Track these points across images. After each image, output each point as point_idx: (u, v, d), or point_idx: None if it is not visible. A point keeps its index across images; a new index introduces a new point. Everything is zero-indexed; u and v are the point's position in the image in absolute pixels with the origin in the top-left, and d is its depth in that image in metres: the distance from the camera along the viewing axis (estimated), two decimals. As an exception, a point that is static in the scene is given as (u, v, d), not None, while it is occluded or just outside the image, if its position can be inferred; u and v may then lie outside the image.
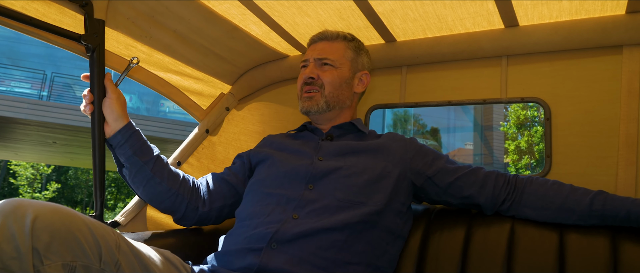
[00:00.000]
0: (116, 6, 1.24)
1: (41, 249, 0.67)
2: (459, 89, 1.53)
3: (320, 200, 1.08)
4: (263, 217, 1.08)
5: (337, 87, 1.30)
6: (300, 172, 1.15)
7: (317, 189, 1.11)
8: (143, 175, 1.19)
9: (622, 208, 1.03)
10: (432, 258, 1.19)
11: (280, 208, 1.08)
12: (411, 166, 1.21)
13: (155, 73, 1.48)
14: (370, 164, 1.16)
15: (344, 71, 1.32)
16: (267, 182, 1.18)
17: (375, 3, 1.34)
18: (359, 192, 1.11)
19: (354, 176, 1.13)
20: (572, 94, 1.35)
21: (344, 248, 1.03)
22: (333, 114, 1.32)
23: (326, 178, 1.13)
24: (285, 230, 1.02)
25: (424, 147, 1.27)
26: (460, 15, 1.37)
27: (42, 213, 0.69)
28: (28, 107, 9.93)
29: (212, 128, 1.66)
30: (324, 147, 1.24)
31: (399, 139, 1.27)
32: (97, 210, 1.22)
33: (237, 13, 1.40)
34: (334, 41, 1.35)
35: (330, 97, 1.29)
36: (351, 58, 1.35)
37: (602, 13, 1.27)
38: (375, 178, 1.14)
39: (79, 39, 1.18)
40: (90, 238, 0.74)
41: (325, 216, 1.05)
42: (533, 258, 1.08)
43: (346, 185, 1.11)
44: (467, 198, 1.19)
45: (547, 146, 1.37)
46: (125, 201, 21.99)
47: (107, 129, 1.18)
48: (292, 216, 1.05)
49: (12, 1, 1.09)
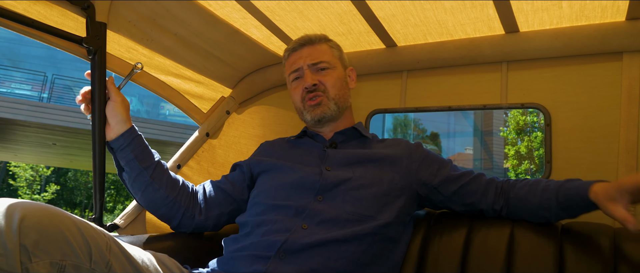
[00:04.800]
0: (118, 9, 1.25)
1: (29, 247, 0.66)
2: (459, 94, 1.54)
3: (329, 211, 1.07)
4: (271, 225, 1.06)
5: (339, 88, 1.28)
6: (307, 183, 1.13)
7: (327, 201, 1.09)
8: (142, 181, 1.18)
9: (576, 195, 1.04)
10: (432, 262, 1.18)
11: (289, 218, 1.07)
12: (417, 177, 1.20)
13: (156, 76, 1.48)
14: (377, 176, 1.15)
15: (339, 70, 1.31)
16: (272, 193, 1.15)
17: (376, 8, 1.34)
18: (368, 206, 1.09)
19: (363, 189, 1.12)
20: (572, 100, 1.36)
21: (353, 259, 1.02)
22: (340, 116, 1.30)
23: (336, 189, 1.11)
24: (294, 239, 1.00)
25: (430, 155, 1.25)
26: (461, 21, 1.37)
27: (30, 212, 0.69)
28: (28, 108, 9.93)
29: (213, 131, 1.66)
30: (330, 156, 1.21)
31: (404, 148, 1.25)
32: (97, 212, 1.22)
33: (238, 17, 1.41)
34: (318, 44, 1.32)
35: (337, 99, 1.27)
36: (339, 56, 1.34)
37: (603, 19, 1.28)
38: (384, 192, 1.13)
39: (81, 41, 1.18)
40: (80, 238, 0.73)
41: (335, 228, 1.04)
42: (532, 263, 1.08)
43: (355, 197, 1.10)
44: (470, 205, 1.19)
45: (547, 151, 1.37)
46: (124, 203, 21.96)
47: (110, 132, 1.17)
48: (301, 226, 1.04)
49: (14, 3, 1.09)
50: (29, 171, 19.57)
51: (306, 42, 1.31)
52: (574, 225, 1.15)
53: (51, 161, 17.26)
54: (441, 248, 1.19)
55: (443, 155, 10.42)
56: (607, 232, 1.08)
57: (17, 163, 19.03)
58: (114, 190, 22.23)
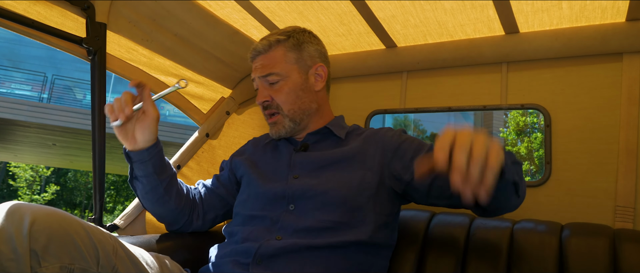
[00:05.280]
0: (118, 9, 1.25)
1: (39, 251, 0.67)
2: (459, 95, 1.54)
3: (301, 221, 1.03)
4: (248, 233, 1.06)
5: (294, 100, 1.17)
6: (278, 193, 1.10)
7: (298, 210, 1.06)
8: (155, 194, 1.14)
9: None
10: (431, 262, 1.18)
11: (266, 228, 1.06)
12: (389, 171, 1.09)
13: (156, 76, 1.48)
14: (346, 179, 1.07)
15: (293, 78, 1.17)
16: (248, 204, 1.14)
17: (377, 8, 1.34)
18: (340, 213, 1.03)
19: (331, 194, 1.05)
20: (572, 101, 1.36)
21: (330, 265, 0.99)
22: (304, 124, 1.21)
23: (304, 197, 1.06)
24: (268, 244, 1.00)
25: (404, 144, 1.11)
26: (461, 22, 1.37)
27: (40, 216, 0.70)
28: (28, 109, 9.93)
29: (213, 132, 1.66)
30: (297, 162, 1.15)
31: (379, 138, 1.14)
32: (96, 212, 1.22)
33: (238, 17, 1.41)
34: (271, 51, 1.18)
35: (292, 114, 1.17)
36: (295, 59, 1.18)
37: (603, 20, 1.28)
38: (354, 194, 1.05)
39: (81, 42, 1.18)
40: (88, 242, 0.74)
41: (309, 237, 1.01)
42: (533, 264, 1.08)
43: (325, 203, 1.04)
44: (450, 198, 1.02)
45: (547, 152, 1.37)
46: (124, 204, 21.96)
47: (134, 143, 1.08)
48: (275, 237, 1.03)
49: (14, 3, 1.09)
50: (28, 172, 19.56)
51: (259, 52, 1.20)
52: (574, 225, 1.15)
53: (51, 162, 17.27)
54: (441, 249, 1.19)
55: (443, 156, 10.26)
56: (607, 232, 1.08)
57: (17, 164, 19.03)
58: (114, 191, 22.22)
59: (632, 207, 1.21)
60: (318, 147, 1.19)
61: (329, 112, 1.27)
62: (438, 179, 1.03)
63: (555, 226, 1.15)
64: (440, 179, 1.03)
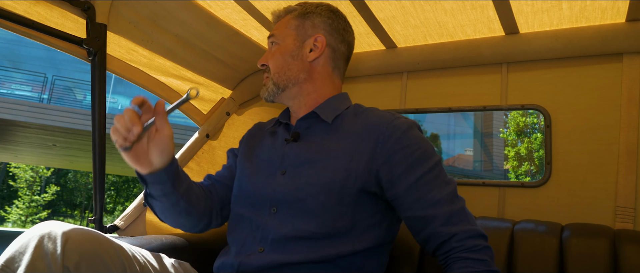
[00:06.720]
0: (118, 10, 1.25)
1: (71, 268, 0.73)
2: (459, 95, 1.54)
3: (280, 229, 0.97)
4: (234, 243, 1.03)
5: (281, 64, 1.11)
6: (262, 194, 1.03)
7: (280, 214, 0.99)
8: (177, 208, 1.04)
9: None
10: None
11: (251, 236, 1.01)
12: (376, 178, 0.98)
13: (156, 77, 1.48)
14: (327, 180, 0.97)
15: (287, 43, 1.12)
16: (238, 202, 1.09)
17: (377, 9, 1.34)
18: (320, 222, 0.95)
19: (309, 200, 0.96)
20: (572, 102, 1.36)
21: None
22: (291, 92, 1.12)
23: (285, 201, 0.99)
24: (248, 261, 0.96)
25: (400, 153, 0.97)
26: (461, 22, 1.38)
27: (73, 236, 0.75)
28: (28, 109, 9.93)
29: (213, 133, 1.66)
30: (287, 155, 1.06)
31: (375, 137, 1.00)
32: (97, 213, 1.22)
33: (238, 18, 1.41)
34: (281, 18, 1.17)
35: (276, 78, 1.11)
36: (295, 26, 1.13)
37: (603, 21, 1.28)
38: (334, 202, 0.96)
39: (81, 42, 1.18)
40: (117, 260, 0.81)
41: (287, 249, 0.95)
42: (533, 264, 1.08)
43: (304, 210, 0.96)
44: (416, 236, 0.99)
45: (547, 153, 1.37)
46: (124, 204, 21.97)
47: (149, 166, 0.94)
48: (258, 249, 0.98)
49: (14, 4, 1.09)
50: (29, 172, 19.57)
51: (275, 18, 1.19)
52: (575, 225, 1.15)
53: (51, 162, 17.26)
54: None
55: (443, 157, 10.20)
56: (607, 233, 1.08)
57: (17, 164, 19.04)
58: (114, 191, 22.22)
59: (632, 208, 1.21)
60: (309, 135, 1.09)
61: (327, 88, 1.15)
62: (409, 219, 0.98)
63: (556, 227, 1.15)
64: (411, 220, 0.98)
